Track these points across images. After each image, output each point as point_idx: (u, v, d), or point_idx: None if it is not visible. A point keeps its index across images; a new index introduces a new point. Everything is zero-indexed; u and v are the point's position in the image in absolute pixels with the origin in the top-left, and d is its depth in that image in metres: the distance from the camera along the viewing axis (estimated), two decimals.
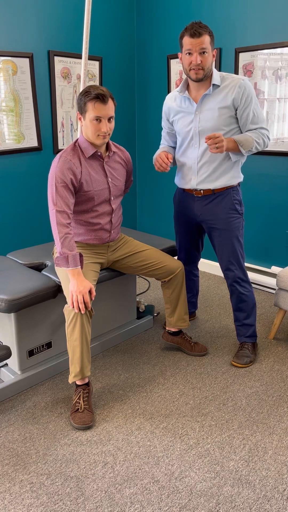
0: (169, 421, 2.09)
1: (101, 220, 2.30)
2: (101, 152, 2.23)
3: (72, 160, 2.13)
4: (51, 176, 2.12)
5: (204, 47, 2.14)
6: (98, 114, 2.06)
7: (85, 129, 2.14)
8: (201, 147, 2.34)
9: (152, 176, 4.21)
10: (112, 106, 2.09)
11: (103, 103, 2.04)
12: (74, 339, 2.08)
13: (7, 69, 3.16)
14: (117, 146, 2.37)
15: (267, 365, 2.52)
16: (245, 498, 1.68)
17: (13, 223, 3.47)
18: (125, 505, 1.66)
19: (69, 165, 2.12)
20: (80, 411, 2.07)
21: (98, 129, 2.09)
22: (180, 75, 3.71)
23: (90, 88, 2.06)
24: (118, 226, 2.41)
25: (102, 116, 2.07)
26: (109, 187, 2.27)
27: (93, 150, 2.18)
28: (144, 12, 3.86)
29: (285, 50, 3.05)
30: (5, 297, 2.12)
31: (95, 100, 2.03)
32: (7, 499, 1.69)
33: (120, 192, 2.36)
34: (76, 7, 3.48)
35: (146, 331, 2.94)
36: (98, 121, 2.08)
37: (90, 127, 2.10)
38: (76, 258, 2.08)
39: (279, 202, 3.36)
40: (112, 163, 2.30)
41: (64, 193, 2.10)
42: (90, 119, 2.08)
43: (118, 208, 2.38)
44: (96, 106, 2.04)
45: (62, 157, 2.13)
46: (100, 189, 2.24)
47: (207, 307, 3.28)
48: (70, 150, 2.17)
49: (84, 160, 2.18)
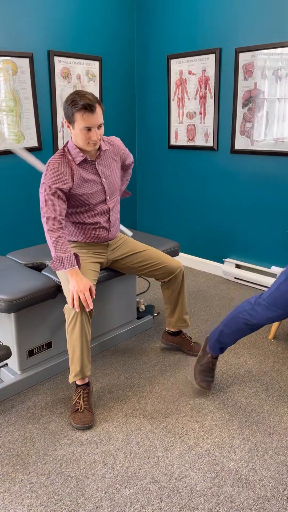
0: (169, 421, 2.09)
1: (99, 219, 2.30)
2: (91, 158, 2.21)
3: (61, 168, 2.11)
4: (41, 185, 2.11)
5: None
6: (88, 124, 2.03)
7: (75, 137, 2.12)
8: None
9: (152, 176, 4.21)
10: (100, 113, 2.06)
11: (91, 112, 2.01)
12: (74, 338, 2.08)
13: (7, 69, 3.15)
14: (106, 140, 2.31)
15: (267, 365, 2.52)
16: (245, 498, 1.68)
17: (13, 223, 3.47)
18: (125, 505, 1.66)
19: (57, 173, 2.09)
20: (80, 411, 2.07)
21: (88, 137, 2.07)
22: (180, 75, 3.71)
23: (76, 97, 2.01)
24: (116, 223, 2.41)
25: (92, 125, 2.04)
26: (103, 187, 2.26)
27: (82, 156, 2.16)
28: (144, 12, 3.86)
29: (285, 50, 3.05)
30: (5, 297, 2.12)
31: (83, 111, 2.00)
32: (7, 499, 1.69)
33: (116, 188, 2.34)
34: (76, 7, 3.48)
35: (146, 331, 2.93)
36: (88, 130, 2.06)
37: (80, 135, 2.07)
38: (72, 259, 2.07)
39: (279, 202, 3.36)
40: (105, 162, 2.27)
41: (53, 201, 2.08)
42: (80, 129, 2.05)
43: (116, 206, 2.37)
44: (85, 117, 2.01)
45: (50, 166, 2.11)
46: (94, 191, 2.23)
47: (207, 307, 3.28)
48: (59, 157, 2.14)
49: (74, 165, 2.16)
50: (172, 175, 4.04)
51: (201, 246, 4.00)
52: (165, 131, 3.99)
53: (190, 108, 3.72)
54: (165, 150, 4.04)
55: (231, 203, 3.66)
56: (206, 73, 3.53)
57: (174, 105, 3.83)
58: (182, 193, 4.00)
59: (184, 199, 4.00)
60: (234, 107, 3.42)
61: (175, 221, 4.14)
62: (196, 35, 3.55)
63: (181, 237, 4.13)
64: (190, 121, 3.75)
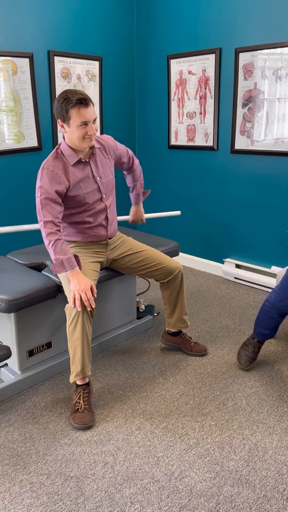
0: (169, 421, 2.09)
1: (97, 218, 2.30)
2: (85, 158, 2.22)
3: (55, 170, 2.11)
4: (37, 189, 2.11)
5: None
6: (84, 119, 2.04)
7: (69, 136, 2.11)
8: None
9: (152, 176, 4.21)
10: (93, 107, 2.09)
11: (86, 107, 2.03)
12: (75, 338, 2.08)
13: (7, 69, 3.15)
14: (97, 139, 2.32)
15: (267, 365, 2.52)
16: (245, 498, 1.68)
17: (13, 223, 3.47)
18: (125, 505, 1.66)
19: (52, 175, 2.10)
20: (80, 411, 2.07)
21: (85, 132, 2.08)
22: (180, 75, 3.71)
23: (68, 94, 2.02)
24: (114, 221, 2.42)
25: (88, 120, 2.05)
26: (98, 186, 2.27)
27: (76, 157, 2.17)
28: (144, 12, 3.86)
29: (285, 50, 3.05)
30: (5, 297, 2.12)
31: (78, 106, 2.01)
32: (7, 499, 1.69)
33: (112, 186, 2.36)
34: (76, 7, 3.48)
35: (146, 331, 2.93)
36: (85, 125, 2.06)
37: (76, 132, 2.07)
38: (72, 260, 2.07)
39: (279, 202, 3.36)
40: (98, 161, 2.28)
41: (49, 205, 2.08)
42: (76, 125, 2.05)
43: (113, 204, 2.38)
44: (81, 112, 2.02)
45: (44, 169, 2.11)
46: (90, 190, 2.23)
47: (207, 307, 3.28)
48: (53, 160, 2.14)
49: (69, 166, 2.16)
50: (172, 175, 4.04)
51: (201, 246, 4.00)
52: (165, 131, 3.99)
53: (190, 108, 3.72)
54: (165, 150, 4.04)
55: (231, 203, 3.66)
56: (206, 73, 3.53)
57: (174, 105, 3.83)
58: (182, 193, 4.00)
59: (184, 199, 4.00)
60: (234, 107, 3.42)
61: (175, 221, 4.14)
62: (196, 35, 3.55)
63: (181, 237, 4.13)
64: (190, 121, 3.75)
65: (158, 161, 4.12)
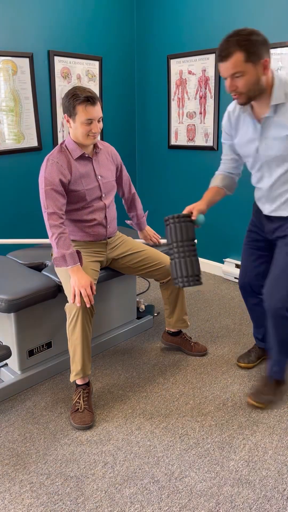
0: (169, 421, 2.09)
1: (96, 216, 2.31)
2: (88, 154, 2.26)
3: (60, 162, 2.15)
4: (40, 180, 2.14)
5: (233, 72, 1.69)
6: (90, 116, 2.08)
7: (74, 131, 2.16)
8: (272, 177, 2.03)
9: (152, 176, 4.21)
10: (100, 106, 2.13)
11: (93, 105, 2.07)
12: (75, 337, 2.08)
13: (7, 69, 3.16)
14: (101, 142, 2.39)
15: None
16: (245, 498, 1.68)
17: (13, 223, 3.47)
18: (125, 505, 1.66)
19: (57, 166, 2.13)
20: (80, 411, 2.07)
21: (89, 130, 2.12)
22: (180, 75, 3.71)
23: (77, 91, 2.07)
24: (114, 221, 2.42)
25: (94, 118, 2.09)
26: (99, 184, 2.29)
27: (80, 151, 2.21)
28: (144, 12, 3.86)
29: (285, 50, 3.05)
30: (5, 297, 2.12)
31: (85, 103, 2.06)
32: (7, 499, 1.69)
33: (112, 187, 2.38)
34: (76, 7, 3.48)
35: (146, 331, 2.94)
36: (90, 123, 2.10)
37: (80, 129, 2.12)
38: (74, 256, 2.09)
39: None
40: (100, 160, 2.32)
41: (54, 195, 2.11)
42: (81, 121, 2.09)
43: (112, 204, 2.39)
44: (88, 109, 2.07)
45: (49, 160, 2.15)
46: (90, 187, 2.26)
47: (207, 307, 3.28)
48: (57, 153, 2.18)
49: (72, 160, 2.20)
50: (172, 175, 4.04)
51: (201, 246, 4.00)
52: (165, 131, 3.99)
53: (190, 108, 3.72)
54: (165, 150, 4.04)
55: (231, 203, 3.66)
56: (206, 73, 3.53)
57: (174, 105, 3.83)
58: (182, 193, 4.00)
59: (184, 199, 4.00)
60: None
61: None
62: (196, 35, 3.55)
63: None
64: (190, 121, 3.75)
65: (158, 161, 4.12)
